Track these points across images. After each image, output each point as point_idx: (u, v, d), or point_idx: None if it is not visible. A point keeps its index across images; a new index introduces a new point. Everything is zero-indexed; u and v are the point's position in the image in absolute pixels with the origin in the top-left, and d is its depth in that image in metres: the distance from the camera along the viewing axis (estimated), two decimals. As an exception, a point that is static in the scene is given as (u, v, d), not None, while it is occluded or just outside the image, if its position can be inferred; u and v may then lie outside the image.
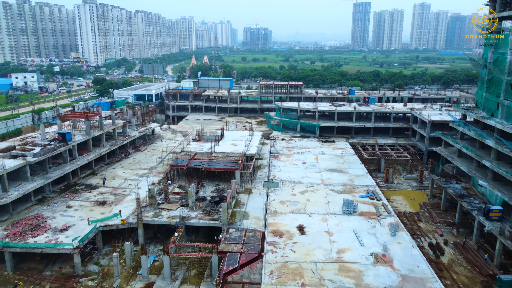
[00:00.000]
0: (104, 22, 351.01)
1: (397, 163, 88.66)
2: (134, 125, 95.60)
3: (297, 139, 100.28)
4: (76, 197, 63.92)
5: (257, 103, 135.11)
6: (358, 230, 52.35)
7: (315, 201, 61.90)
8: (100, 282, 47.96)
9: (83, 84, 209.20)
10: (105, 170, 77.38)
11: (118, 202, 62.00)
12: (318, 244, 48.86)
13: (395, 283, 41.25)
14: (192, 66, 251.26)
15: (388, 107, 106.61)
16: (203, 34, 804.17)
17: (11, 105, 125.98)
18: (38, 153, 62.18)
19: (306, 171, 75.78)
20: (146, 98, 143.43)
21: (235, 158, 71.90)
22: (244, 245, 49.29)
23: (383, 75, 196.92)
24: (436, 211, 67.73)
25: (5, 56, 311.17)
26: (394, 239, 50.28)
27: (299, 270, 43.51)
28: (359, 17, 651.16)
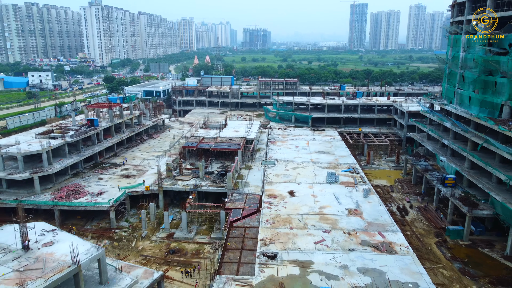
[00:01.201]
0: (109, 23, 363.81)
1: (378, 148, 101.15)
2: (148, 116, 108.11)
3: (292, 129, 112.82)
4: (104, 172, 76.46)
5: (256, 98, 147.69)
6: (337, 193, 64.90)
7: (304, 175, 74.42)
8: (131, 233, 60.46)
9: (92, 82, 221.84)
10: (125, 152, 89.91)
11: (140, 175, 74.50)
12: (305, 203, 61.39)
13: (362, 226, 53.78)
14: (194, 66, 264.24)
15: (373, 101, 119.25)
16: (203, 35, 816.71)
17: (33, 100, 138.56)
18: (73, 135, 74.74)
19: (298, 153, 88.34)
20: (154, 94, 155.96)
21: (237, 141, 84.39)
22: (246, 204, 61.79)
23: (374, 73, 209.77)
24: (407, 184, 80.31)
25: (14, 57, 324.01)
26: (365, 200, 62.82)
27: (289, 219, 56.05)
28: (356, 18, 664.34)
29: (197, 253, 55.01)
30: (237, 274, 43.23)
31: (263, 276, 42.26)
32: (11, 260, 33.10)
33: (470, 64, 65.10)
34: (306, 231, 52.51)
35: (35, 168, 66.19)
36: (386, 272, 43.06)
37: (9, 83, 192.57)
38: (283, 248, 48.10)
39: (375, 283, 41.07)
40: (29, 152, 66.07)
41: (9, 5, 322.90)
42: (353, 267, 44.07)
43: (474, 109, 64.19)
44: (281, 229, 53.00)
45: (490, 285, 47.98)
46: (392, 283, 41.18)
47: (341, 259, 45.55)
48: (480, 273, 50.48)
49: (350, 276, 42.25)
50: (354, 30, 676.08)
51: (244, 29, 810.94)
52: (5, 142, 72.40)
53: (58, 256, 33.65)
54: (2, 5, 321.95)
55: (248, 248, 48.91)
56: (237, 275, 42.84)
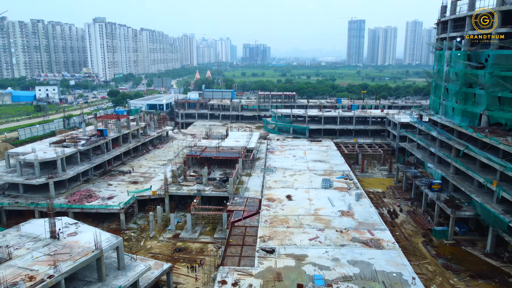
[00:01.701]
0: (112, 39, 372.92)
1: (372, 157, 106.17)
2: (153, 127, 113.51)
3: (290, 139, 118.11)
4: (113, 179, 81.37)
5: (255, 111, 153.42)
6: (331, 197, 69.74)
7: (301, 181, 79.32)
8: (140, 234, 65.09)
9: (97, 96, 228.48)
10: (132, 161, 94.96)
11: (146, 182, 79.40)
12: (301, 206, 66.18)
13: (353, 225, 58.52)
14: (196, 80, 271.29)
15: (367, 113, 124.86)
16: (203, 50, 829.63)
17: (41, 113, 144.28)
18: (85, 144, 79.95)
19: (296, 162, 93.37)
20: (158, 107, 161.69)
21: (238, 150, 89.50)
22: (246, 206, 66.60)
23: (370, 87, 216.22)
24: (398, 191, 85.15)
25: (20, 72, 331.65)
26: (357, 203, 67.61)
27: (286, 219, 60.80)
28: (354, 34, 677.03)
29: (201, 251, 59.55)
30: (238, 265, 47.85)
31: (262, 267, 46.84)
32: (41, 247, 37.88)
33: (452, 77, 70.73)
34: (302, 229, 57.22)
35: (50, 174, 71.15)
36: (373, 264, 47.66)
37: (17, 97, 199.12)
38: (280, 244, 52.75)
39: (362, 273, 45.65)
40: (45, 159, 71.14)
41: (15, 22, 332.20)
42: (344, 259, 48.67)
43: (457, 118, 69.54)
44: (278, 228, 57.70)
45: (470, 278, 52.46)
46: (378, 273, 45.76)
47: (333, 253, 50.18)
48: (461, 268, 55.00)
49: (341, 267, 46.84)
50: (352, 46, 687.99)
51: (244, 44, 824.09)
52: (22, 150, 77.63)
53: (82, 244, 38.44)
54: (9, 22, 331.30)
55: (248, 244, 53.58)
56: (238, 266, 47.45)
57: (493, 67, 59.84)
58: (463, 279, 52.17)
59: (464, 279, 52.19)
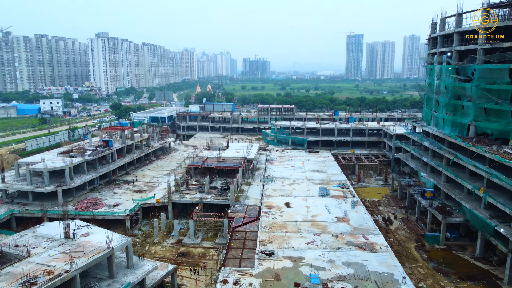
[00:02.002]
0: (114, 54, 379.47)
1: (369, 168, 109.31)
2: (155, 138, 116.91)
3: (289, 151, 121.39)
4: (118, 188, 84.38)
5: (255, 123, 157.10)
6: (328, 205, 72.69)
7: (299, 189, 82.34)
8: (144, 239, 67.86)
9: (100, 109, 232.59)
10: (135, 171, 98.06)
11: (150, 190, 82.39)
12: (299, 212, 69.10)
13: (348, 230, 61.40)
14: (197, 93, 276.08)
15: (364, 125, 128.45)
16: (204, 64, 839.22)
17: (46, 125, 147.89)
18: (91, 154, 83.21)
19: (294, 171, 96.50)
20: (160, 120, 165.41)
21: (238, 160, 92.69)
22: (246, 213, 69.51)
23: (368, 100, 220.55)
24: (393, 199, 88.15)
25: (23, 85, 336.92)
26: (353, 210, 70.54)
27: (284, 225, 63.69)
28: (353, 48, 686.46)
29: (203, 255, 62.29)
30: (239, 266, 50.62)
31: (261, 268, 49.63)
32: (57, 246, 40.82)
33: (442, 90, 74.42)
34: (299, 234, 60.09)
35: (59, 182, 74.24)
36: (366, 265, 50.45)
37: (21, 110, 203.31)
38: (279, 247, 55.58)
39: (356, 273, 48.43)
40: (54, 168, 74.33)
41: (20, 37, 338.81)
42: (339, 261, 51.47)
43: (447, 129, 72.98)
44: (277, 233, 60.57)
45: (459, 280, 55.17)
46: (371, 273, 48.53)
47: (328, 256, 52.99)
48: (452, 270, 57.74)
49: (336, 268, 49.63)
50: (350, 60, 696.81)
51: (244, 59, 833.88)
52: (32, 160, 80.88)
53: (94, 243, 41.39)
54: (14, 37, 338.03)
55: (248, 248, 56.38)
56: (239, 267, 50.22)
57: (479, 80, 63.54)
58: (452, 281, 54.86)
59: (453, 281, 54.89)
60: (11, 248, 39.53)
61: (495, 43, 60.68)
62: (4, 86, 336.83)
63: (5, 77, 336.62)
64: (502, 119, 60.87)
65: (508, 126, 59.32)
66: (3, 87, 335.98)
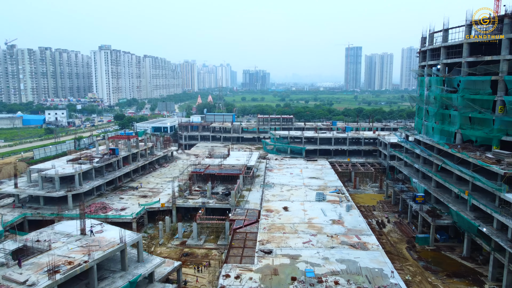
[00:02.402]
0: (116, 66, 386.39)
1: (364, 175, 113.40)
2: (159, 147, 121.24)
3: (287, 159, 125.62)
4: (124, 193, 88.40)
5: (255, 133, 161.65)
6: (324, 208, 76.64)
7: (297, 195, 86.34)
8: (150, 241, 71.68)
9: (103, 120, 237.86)
10: (140, 178, 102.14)
11: (155, 196, 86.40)
12: (296, 215, 73.04)
13: (342, 231, 65.30)
14: (198, 104, 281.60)
15: (360, 134, 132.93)
16: (204, 76, 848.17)
17: (53, 135, 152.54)
18: (99, 161, 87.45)
19: (293, 178, 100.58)
20: (162, 130, 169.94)
21: (239, 167, 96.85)
22: (247, 216, 73.43)
23: (365, 111, 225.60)
24: (387, 205, 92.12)
25: (27, 97, 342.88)
26: (347, 213, 74.50)
27: (282, 227, 67.61)
28: (351, 60, 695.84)
29: (206, 255, 66.09)
30: (240, 263, 54.47)
31: (261, 264, 53.47)
32: (74, 241, 44.80)
33: (431, 100, 79.02)
34: (296, 235, 63.98)
35: (69, 187, 78.35)
36: (358, 261, 54.30)
37: (27, 121, 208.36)
38: (277, 246, 59.45)
39: (349, 269, 52.27)
40: (65, 174, 78.53)
41: (24, 49, 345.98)
42: (333, 258, 55.33)
43: (436, 137, 77.37)
44: (276, 234, 64.48)
45: (446, 277, 58.95)
46: (362, 268, 52.37)
47: (323, 253, 56.85)
48: (439, 269, 61.54)
49: (330, 264, 53.47)
50: (349, 72, 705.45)
51: (244, 70, 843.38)
52: (43, 166, 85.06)
53: (108, 238, 45.38)
54: (18, 49, 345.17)
55: (248, 247, 60.22)
56: (240, 264, 54.07)
57: (464, 91, 68.12)
58: (440, 278, 58.65)
59: (440, 278, 58.68)
60: (33, 243, 43.52)
61: (477, 57, 65.42)
62: (8, 97, 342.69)
63: (9, 89, 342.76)
64: (485, 127, 65.31)
65: (490, 133, 63.71)
66: (7, 98, 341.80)
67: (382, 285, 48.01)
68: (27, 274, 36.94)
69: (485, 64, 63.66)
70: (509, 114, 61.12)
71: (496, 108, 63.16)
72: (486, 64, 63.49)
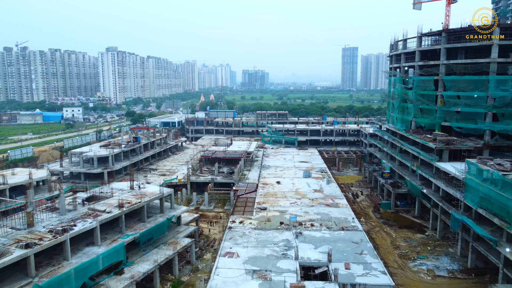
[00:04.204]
0: (122, 66, 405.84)
1: (347, 161, 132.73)
2: (171, 138, 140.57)
3: (282, 148, 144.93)
4: (146, 173, 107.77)
5: (254, 127, 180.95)
6: (309, 182, 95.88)
7: (288, 173, 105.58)
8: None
9: (114, 116, 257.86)
10: (157, 162, 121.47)
11: (172, 175, 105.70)
12: (286, 187, 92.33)
13: (321, 196, 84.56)
14: (201, 103, 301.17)
15: (346, 127, 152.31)
16: (204, 76, 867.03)
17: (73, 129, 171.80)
18: (126, 146, 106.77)
19: (285, 162, 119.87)
20: (170, 125, 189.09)
21: (241, 153, 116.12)
22: (247, 187, 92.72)
23: (356, 108, 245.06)
24: (363, 183, 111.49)
25: (39, 96, 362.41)
26: (327, 185, 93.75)
27: (275, 194, 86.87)
28: (348, 60, 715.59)
29: (215, 216, 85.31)
30: (243, 214, 73.71)
31: (258, 215, 72.60)
32: (127, 192, 64.05)
33: (395, 96, 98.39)
34: (285, 199, 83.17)
35: (104, 166, 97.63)
36: (330, 214, 73.45)
37: (47, 117, 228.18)
38: (270, 205, 78.65)
39: (322, 218, 71.40)
40: (101, 155, 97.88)
41: (36, 51, 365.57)
42: (311, 212, 74.48)
43: (398, 125, 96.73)
44: (270, 198, 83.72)
45: (398, 228, 78.24)
46: (332, 218, 71.54)
47: (305, 209, 76.01)
48: (394, 223, 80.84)
49: (309, 215, 72.62)
50: (346, 72, 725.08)
51: (243, 70, 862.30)
52: (80, 151, 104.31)
53: (150, 191, 64.58)
54: (31, 51, 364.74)
55: (249, 206, 79.42)
56: (243, 215, 73.33)
57: (416, 88, 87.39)
58: (393, 229, 78.01)
59: (394, 229, 78.04)
60: (99, 193, 62.75)
61: (425, 61, 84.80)
62: (20, 96, 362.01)
63: (22, 88, 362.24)
64: (430, 115, 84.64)
65: (434, 120, 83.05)
66: (19, 97, 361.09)
67: (345, 226, 67.27)
68: (103, 208, 56.13)
69: (430, 67, 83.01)
70: (447, 105, 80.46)
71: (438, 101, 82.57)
72: (431, 67, 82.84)
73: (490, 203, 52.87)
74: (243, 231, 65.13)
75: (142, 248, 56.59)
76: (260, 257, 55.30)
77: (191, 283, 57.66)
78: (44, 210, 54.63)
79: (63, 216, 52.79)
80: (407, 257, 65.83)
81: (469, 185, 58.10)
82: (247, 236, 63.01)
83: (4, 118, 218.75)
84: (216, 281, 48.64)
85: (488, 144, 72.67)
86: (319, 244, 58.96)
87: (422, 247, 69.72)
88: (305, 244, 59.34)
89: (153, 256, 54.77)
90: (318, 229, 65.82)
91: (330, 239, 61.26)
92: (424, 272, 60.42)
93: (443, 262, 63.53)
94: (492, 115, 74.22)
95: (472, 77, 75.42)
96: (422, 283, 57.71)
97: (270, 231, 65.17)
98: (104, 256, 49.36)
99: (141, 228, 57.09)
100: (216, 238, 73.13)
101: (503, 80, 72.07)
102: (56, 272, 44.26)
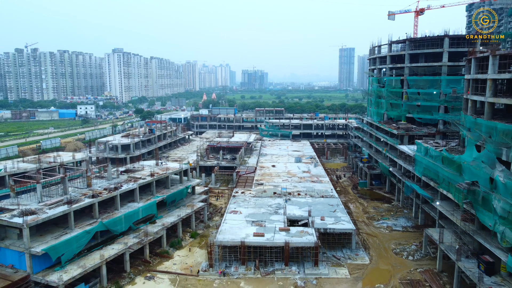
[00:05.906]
0: (128, 67, 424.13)
1: (335, 151, 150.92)
2: (180, 131, 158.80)
3: (278, 140, 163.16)
4: (161, 159, 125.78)
5: (253, 122, 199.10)
6: (299, 166, 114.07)
7: (282, 160, 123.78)
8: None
9: (123, 114, 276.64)
10: (169, 151, 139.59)
11: (183, 160, 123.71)
12: (280, 169, 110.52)
13: (308, 176, 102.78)
14: (203, 101, 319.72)
15: (335, 121, 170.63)
16: (205, 76, 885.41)
17: (89, 124, 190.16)
18: (143, 136, 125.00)
19: (280, 151, 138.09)
20: (177, 120, 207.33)
21: (241, 143, 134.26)
22: (247, 169, 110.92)
23: (348, 106, 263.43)
24: (347, 168, 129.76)
25: (48, 95, 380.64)
26: (315, 168, 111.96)
27: (270, 174, 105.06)
28: (345, 61, 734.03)
29: (221, 192, 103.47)
30: (244, 187, 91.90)
31: (256, 188, 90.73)
32: (152, 167, 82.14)
33: (372, 93, 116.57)
34: (279, 177, 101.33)
35: (126, 152, 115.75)
36: (314, 187, 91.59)
37: (62, 114, 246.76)
38: (266, 182, 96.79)
39: (308, 190, 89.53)
40: (124, 143, 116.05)
41: (46, 52, 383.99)
42: (299, 186, 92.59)
43: (375, 117, 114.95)
44: (266, 177, 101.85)
45: (370, 200, 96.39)
46: (316, 190, 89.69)
47: (294, 184, 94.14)
48: (368, 197, 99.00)
49: (297, 188, 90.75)
50: (343, 72, 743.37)
51: (243, 70, 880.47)
52: (105, 140, 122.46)
53: (172, 166, 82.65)
54: (41, 52, 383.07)
55: (249, 182, 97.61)
56: (244, 188, 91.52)
57: (387, 86, 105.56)
58: (366, 201, 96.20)
59: (366, 201, 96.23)
60: (132, 167, 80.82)
61: (394, 65, 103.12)
62: (31, 95, 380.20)
63: (33, 88, 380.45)
64: (398, 109, 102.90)
65: (400, 113, 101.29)
66: (30, 96, 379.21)
67: (325, 195, 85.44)
68: (138, 176, 74.15)
69: (398, 69, 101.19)
70: (410, 100, 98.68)
71: (403, 97, 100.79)
72: (398, 69, 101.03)
73: (429, 172, 70.96)
74: (244, 198, 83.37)
75: (168, 208, 74.77)
76: (257, 213, 73.49)
77: (205, 234, 75.81)
78: (94, 177, 72.71)
79: (110, 181, 70.88)
80: (373, 219, 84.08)
81: (417, 160, 76.19)
82: (247, 201, 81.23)
83: (24, 115, 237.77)
84: (225, 227, 66.81)
85: (439, 131, 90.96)
86: (303, 206, 77.08)
87: (387, 212, 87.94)
88: (292, 206, 77.57)
89: (176, 212, 73.00)
90: (303, 197, 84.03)
91: (312, 203, 79.32)
92: (384, 228, 78.65)
93: (401, 222, 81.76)
94: (444, 108, 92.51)
95: (429, 77, 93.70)
96: (381, 234, 75.93)
97: (266, 198, 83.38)
98: (143, 208, 67.49)
99: (167, 192, 75.25)
100: (223, 207, 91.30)
101: (452, 80, 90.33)
102: (111, 216, 62.30)
